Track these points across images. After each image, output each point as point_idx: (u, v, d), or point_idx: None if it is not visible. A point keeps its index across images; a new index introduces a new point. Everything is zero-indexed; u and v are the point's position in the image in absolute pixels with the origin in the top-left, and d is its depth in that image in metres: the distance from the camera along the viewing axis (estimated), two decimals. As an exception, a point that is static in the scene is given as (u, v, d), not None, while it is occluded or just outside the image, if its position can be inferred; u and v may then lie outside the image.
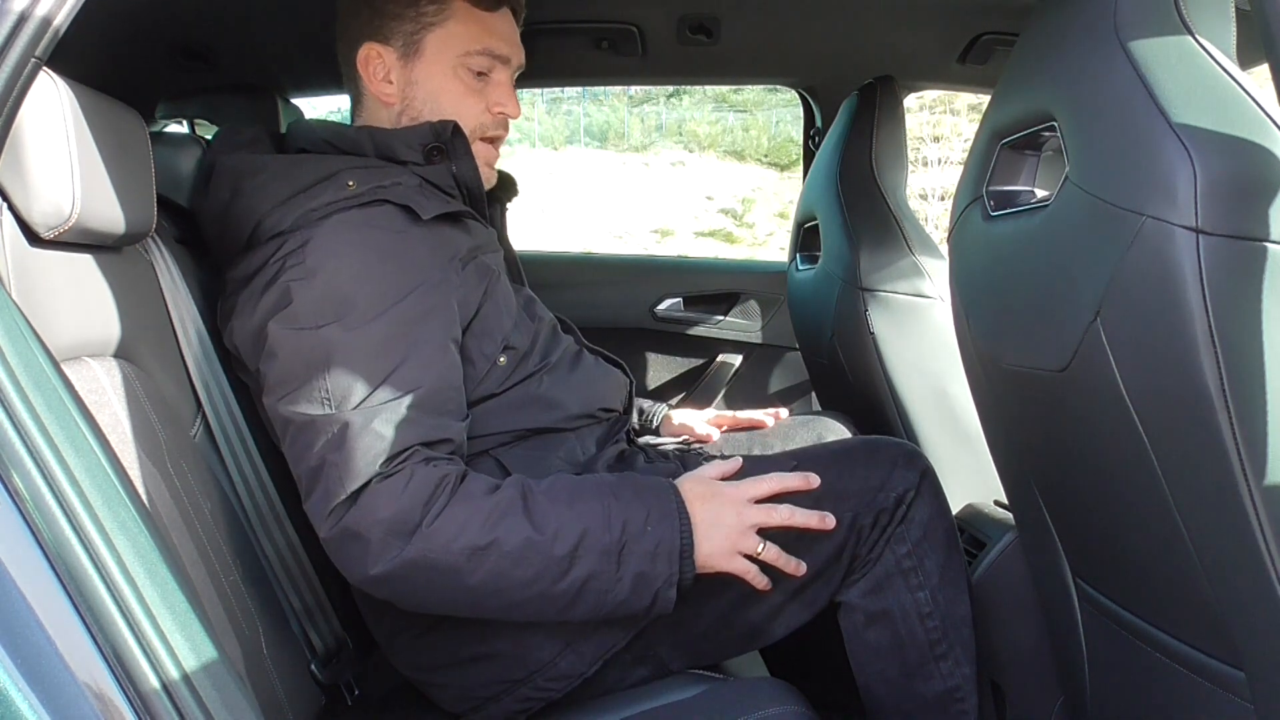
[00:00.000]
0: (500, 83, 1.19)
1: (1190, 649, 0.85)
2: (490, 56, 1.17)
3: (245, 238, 1.07)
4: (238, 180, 1.09)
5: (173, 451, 0.98)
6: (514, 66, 1.21)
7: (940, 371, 1.58)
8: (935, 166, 14.28)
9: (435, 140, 1.13)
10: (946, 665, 1.11)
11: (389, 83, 1.17)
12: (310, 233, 1.02)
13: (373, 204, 1.05)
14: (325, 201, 1.04)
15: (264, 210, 1.05)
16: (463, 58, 1.16)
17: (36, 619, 0.67)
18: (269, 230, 1.05)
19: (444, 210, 1.10)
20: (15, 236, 0.80)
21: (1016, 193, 0.98)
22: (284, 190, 1.06)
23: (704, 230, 16.70)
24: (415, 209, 1.06)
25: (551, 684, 1.07)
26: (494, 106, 1.19)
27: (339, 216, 1.04)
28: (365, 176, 1.07)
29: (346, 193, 1.05)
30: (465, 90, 1.17)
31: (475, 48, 1.16)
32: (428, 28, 1.15)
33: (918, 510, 1.10)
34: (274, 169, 1.09)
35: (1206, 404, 0.69)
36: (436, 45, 1.15)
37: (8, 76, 0.71)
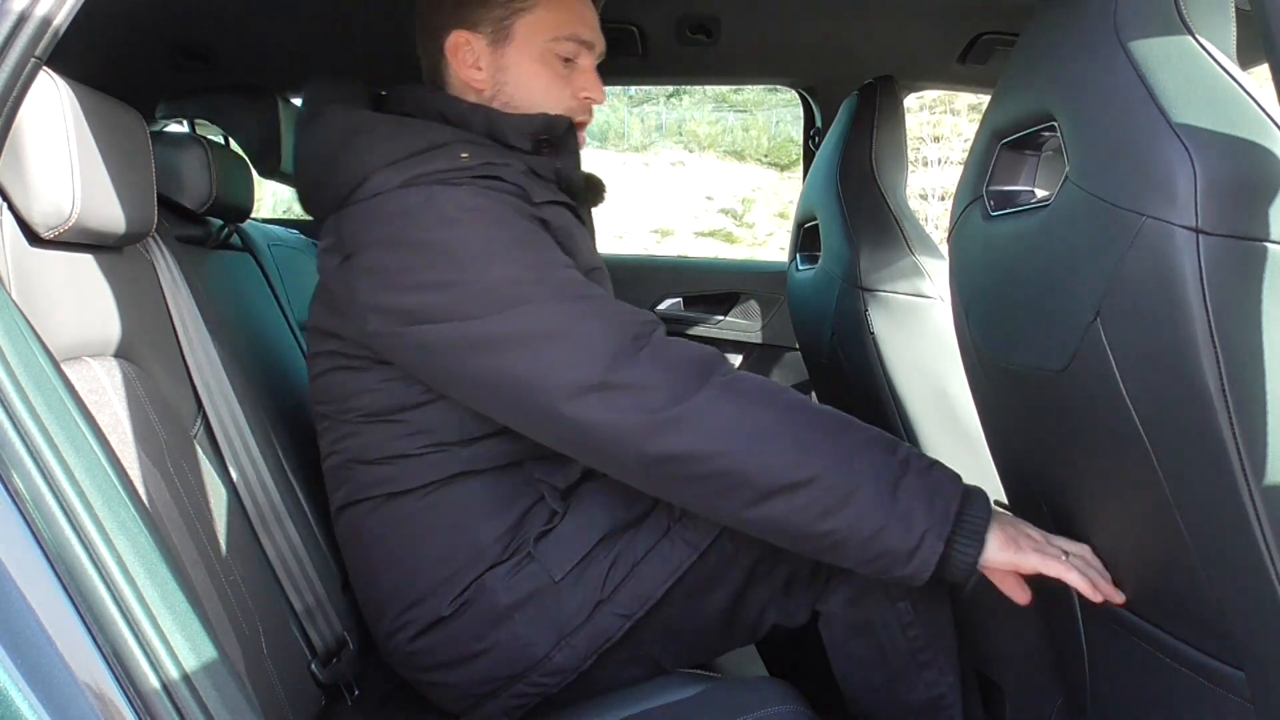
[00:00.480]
0: (585, 69, 1.20)
1: (1190, 649, 0.85)
2: (577, 42, 1.17)
3: (348, 192, 1.06)
4: (351, 133, 1.08)
5: (173, 451, 0.98)
6: (597, 53, 1.22)
7: (940, 371, 1.58)
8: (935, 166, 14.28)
9: (547, 132, 1.14)
10: (931, 674, 1.11)
11: (478, 69, 1.17)
12: (431, 191, 1.01)
13: (486, 179, 1.05)
14: (439, 169, 1.03)
15: (375, 166, 1.04)
16: (551, 43, 1.16)
17: (36, 619, 0.67)
18: (376, 187, 1.03)
19: (553, 199, 1.10)
20: (15, 236, 0.80)
21: (1016, 193, 0.98)
22: (397, 150, 1.05)
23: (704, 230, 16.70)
24: (528, 191, 1.07)
25: (546, 679, 1.07)
26: (580, 92, 1.19)
27: (459, 182, 1.03)
28: (477, 152, 1.07)
29: (459, 164, 1.04)
30: (554, 76, 1.17)
31: (564, 33, 1.16)
32: (517, 14, 1.15)
33: None
34: (388, 128, 1.08)
35: (1206, 404, 0.69)
36: (526, 31, 1.15)
37: (8, 76, 0.71)
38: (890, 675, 1.11)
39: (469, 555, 1.08)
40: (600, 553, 1.08)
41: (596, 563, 1.07)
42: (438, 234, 0.99)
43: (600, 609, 1.07)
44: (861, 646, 1.11)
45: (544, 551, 1.08)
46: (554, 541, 1.08)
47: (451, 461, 1.07)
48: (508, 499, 1.09)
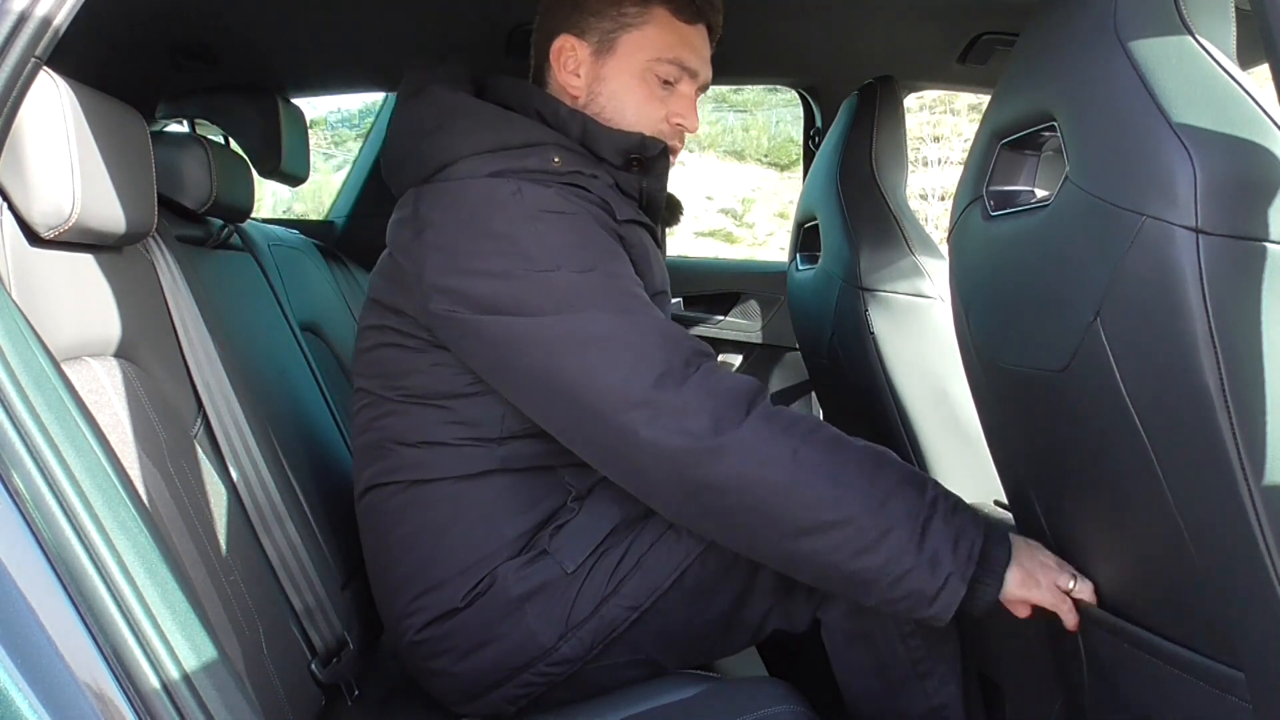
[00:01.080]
0: (684, 95, 1.19)
1: (1190, 650, 0.85)
2: (680, 67, 1.17)
3: (435, 169, 1.06)
4: (450, 115, 1.09)
5: (173, 451, 0.98)
6: (700, 82, 1.21)
7: (940, 371, 1.58)
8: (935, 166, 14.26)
9: (640, 152, 1.15)
10: (931, 684, 1.11)
11: (576, 75, 1.17)
12: (521, 184, 1.02)
13: (572, 186, 1.06)
14: (529, 167, 1.05)
15: (466, 153, 1.05)
16: (653, 63, 1.16)
17: (36, 619, 0.67)
18: (464, 171, 1.04)
19: (634, 218, 1.11)
20: (15, 236, 0.80)
21: (1016, 193, 0.98)
22: (491, 141, 1.06)
23: (704, 230, 16.69)
24: (612, 206, 1.08)
25: (552, 669, 1.08)
26: (673, 117, 1.19)
27: (547, 184, 1.04)
28: (569, 159, 1.08)
29: (550, 166, 1.06)
30: (649, 95, 1.17)
31: (667, 55, 1.16)
32: (625, 28, 1.16)
33: None
34: (486, 117, 1.09)
35: (1206, 404, 0.69)
36: (630, 46, 1.16)
37: (8, 76, 0.71)
38: (891, 684, 1.11)
39: (489, 548, 1.08)
40: (610, 545, 1.08)
41: (607, 555, 1.08)
42: (517, 228, 1.00)
43: (608, 601, 1.07)
44: (862, 656, 1.11)
45: (558, 545, 1.08)
46: (567, 535, 1.09)
47: (486, 457, 1.08)
48: (535, 499, 1.10)
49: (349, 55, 1.86)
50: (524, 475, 1.09)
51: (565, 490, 1.11)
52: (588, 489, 1.12)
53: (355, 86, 2.17)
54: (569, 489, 1.11)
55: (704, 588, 1.09)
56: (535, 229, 1.00)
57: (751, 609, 1.12)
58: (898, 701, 1.11)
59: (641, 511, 1.11)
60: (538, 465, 1.09)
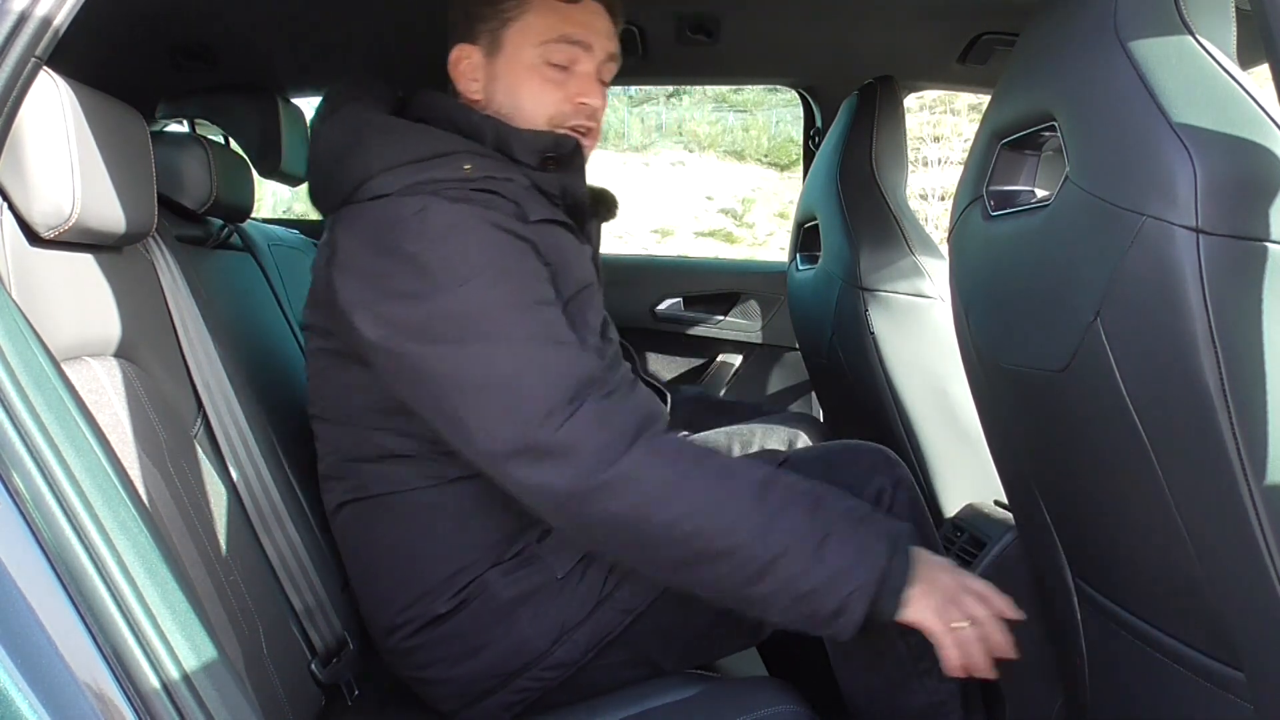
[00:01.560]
0: (584, 73, 1.18)
1: (1190, 649, 0.85)
2: (569, 43, 1.16)
3: (349, 191, 1.06)
4: (361, 133, 1.09)
5: (173, 451, 0.98)
6: (600, 57, 1.19)
7: (940, 371, 1.58)
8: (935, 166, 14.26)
9: (554, 150, 1.14)
10: (931, 681, 1.10)
11: (475, 80, 1.18)
12: (427, 200, 1.02)
13: (484, 192, 1.05)
14: (437, 178, 1.04)
15: (377, 169, 1.05)
16: (540, 48, 1.15)
17: (36, 619, 0.67)
18: (374, 190, 1.04)
19: (549, 217, 1.10)
20: (15, 236, 0.80)
21: (1016, 193, 0.98)
22: (400, 155, 1.06)
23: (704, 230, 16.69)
24: (524, 208, 1.07)
25: (547, 673, 1.07)
26: (575, 96, 1.17)
27: (454, 195, 1.03)
28: (481, 164, 1.08)
29: (460, 174, 1.05)
30: (543, 82, 1.16)
31: (552, 36, 1.15)
32: (507, 23, 1.16)
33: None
34: (398, 132, 1.09)
35: (1206, 404, 0.69)
36: (515, 39, 1.16)
37: (8, 76, 0.71)
38: (890, 682, 1.11)
39: (469, 555, 1.08)
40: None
41: (599, 560, 1.07)
42: (421, 247, 1.00)
43: (602, 605, 1.07)
44: (861, 652, 1.11)
45: (546, 550, 1.08)
46: (557, 539, 1.08)
47: (451, 464, 1.07)
48: (506, 501, 1.09)
49: (349, 55, 1.86)
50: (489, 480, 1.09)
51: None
52: None
53: (355, 86, 2.16)
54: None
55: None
56: (437, 250, 1.00)
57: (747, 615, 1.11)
58: (897, 698, 1.11)
59: None
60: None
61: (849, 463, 1.13)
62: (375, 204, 1.03)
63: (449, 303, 0.98)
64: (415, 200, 1.02)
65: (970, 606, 0.96)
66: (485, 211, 1.03)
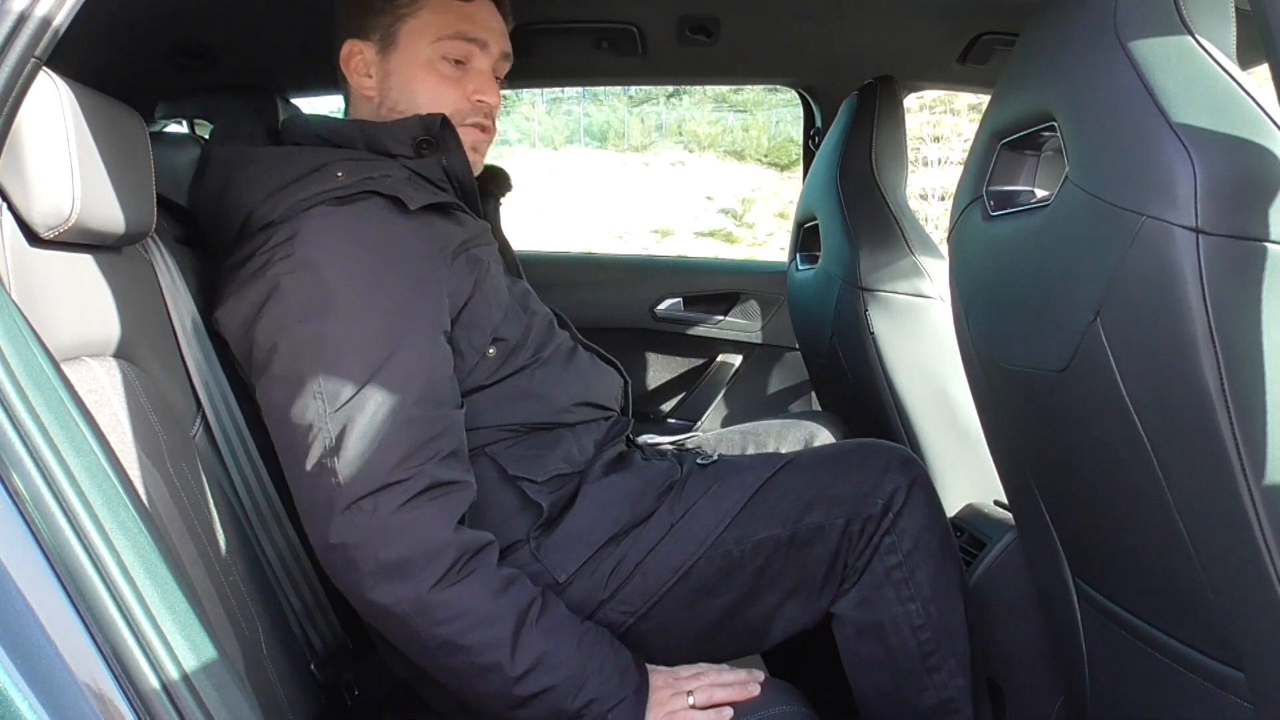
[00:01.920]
0: (480, 70, 1.18)
1: (1190, 649, 0.85)
2: (465, 40, 1.16)
3: (236, 228, 1.07)
4: (229, 171, 1.09)
5: (173, 451, 0.98)
6: (495, 54, 1.20)
7: (940, 371, 1.58)
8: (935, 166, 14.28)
9: (425, 133, 1.13)
10: (940, 677, 1.10)
11: (369, 76, 1.18)
12: (298, 224, 1.02)
13: (360, 195, 1.05)
14: (314, 192, 1.04)
15: (255, 201, 1.06)
16: (436, 45, 1.15)
17: (36, 619, 0.67)
18: (259, 221, 1.05)
19: (432, 201, 1.09)
20: (15, 236, 0.80)
21: (1016, 193, 0.98)
22: (274, 181, 1.06)
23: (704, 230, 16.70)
24: (403, 199, 1.06)
25: None
26: (473, 94, 1.18)
27: (326, 208, 1.03)
28: (354, 168, 1.07)
29: (335, 183, 1.05)
30: (440, 79, 1.16)
31: (447, 33, 1.15)
32: (402, 19, 1.15)
33: (908, 520, 1.09)
34: (265, 161, 1.09)
35: (1206, 404, 0.69)
36: (411, 35, 1.16)
37: (8, 76, 0.71)
38: (900, 678, 1.11)
39: None
40: (606, 553, 1.08)
41: (602, 563, 1.07)
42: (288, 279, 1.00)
43: (604, 607, 1.07)
44: (872, 648, 1.11)
45: (548, 553, 1.07)
46: (558, 543, 1.08)
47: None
48: (505, 505, 1.09)
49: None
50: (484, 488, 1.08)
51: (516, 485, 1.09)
52: (547, 479, 1.10)
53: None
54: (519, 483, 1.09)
55: (705, 589, 1.09)
56: (297, 275, 1.00)
57: (754, 611, 1.11)
58: (907, 696, 1.11)
59: (638, 517, 1.10)
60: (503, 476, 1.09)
61: (861, 463, 1.13)
62: (256, 235, 1.05)
63: (296, 334, 0.98)
64: (288, 226, 1.02)
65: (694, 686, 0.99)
66: (358, 227, 1.03)
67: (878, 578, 1.09)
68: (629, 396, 1.30)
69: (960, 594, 1.12)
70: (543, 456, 1.12)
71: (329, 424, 0.95)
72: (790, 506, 1.09)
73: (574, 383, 1.19)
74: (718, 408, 2.30)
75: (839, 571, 1.10)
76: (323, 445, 0.95)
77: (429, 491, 0.95)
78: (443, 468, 0.97)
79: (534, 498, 1.08)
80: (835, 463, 1.14)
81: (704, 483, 1.13)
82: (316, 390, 0.96)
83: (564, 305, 1.35)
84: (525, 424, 1.13)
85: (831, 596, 1.11)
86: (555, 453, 1.13)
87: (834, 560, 1.09)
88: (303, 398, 0.97)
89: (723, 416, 2.30)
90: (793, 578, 1.10)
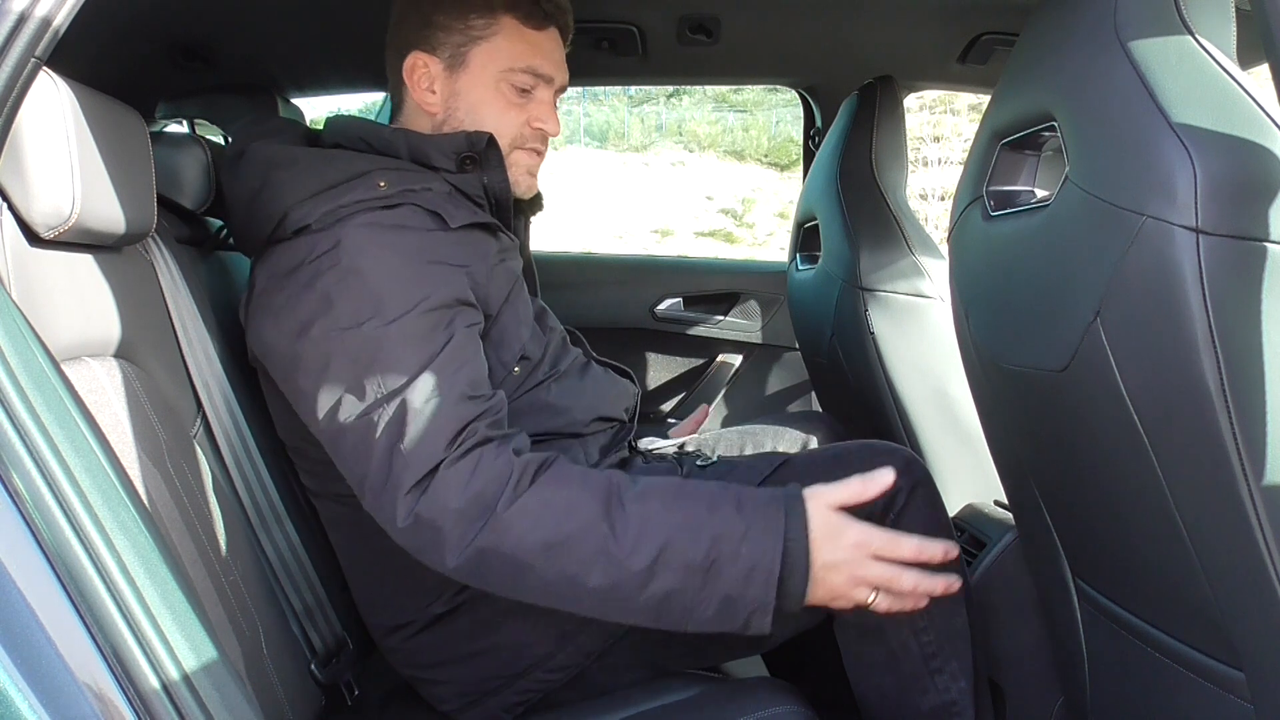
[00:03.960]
0: (542, 100, 1.19)
1: (1190, 649, 0.85)
2: (534, 75, 1.17)
3: (271, 229, 1.06)
4: (269, 170, 1.08)
5: (173, 451, 0.98)
6: (557, 86, 1.21)
7: (940, 371, 1.58)
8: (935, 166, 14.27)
9: (469, 150, 1.14)
10: (943, 679, 1.10)
11: (432, 92, 1.17)
12: (341, 231, 1.02)
13: (401, 206, 1.05)
14: (355, 199, 1.04)
15: (292, 203, 1.04)
16: (506, 73, 1.16)
17: (36, 619, 0.67)
18: (295, 223, 1.04)
19: (471, 220, 1.10)
20: (15, 236, 0.80)
21: (1016, 193, 0.98)
22: (314, 184, 1.05)
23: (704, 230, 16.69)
24: (444, 216, 1.06)
25: (550, 675, 1.07)
26: (534, 122, 1.19)
27: (368, 216, 1.03)
28: (397, 179, 1.07)
29: (377, 193, 1.05)
30: (506, 105, 1.17)
31: (519, 65, 1.16)
32: (475, 41, 1.15)
33: (910, 522, 1.09)
34: (306, 162, 1.08)
35: (1206, 404, 0.69)
36: (482, 59, 1.16)
37: (8, 76, 0.71)
38: (902, 680, 1.10)
39: None
40: None
41: None
42: (328, 284, 1.00)
43: None
44: (874, 650, 1.11)
45: None
46: None
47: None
48: None
49: (349, 55, 1.86)
50: None
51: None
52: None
53: (355, 86, 2.17)
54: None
55: None
56: (345, 283, 1.00)
57: None
58: (908, 697, 1.11)
59: None
60: None
61: (862, 463, 1.11)
62: (295, 241, 1.04)
63: (349, 341, 0.98)
64: (328, 235, 1.02)
65: (874, 573, 0.94)
66: (400, 237, 1.03)
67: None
68: (638, 405, 1.31)
69: (963, 597, 1.12)
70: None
71: (385, 418, 0.95)
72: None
73: (589, 396, 1.20)
74: (718, 408, 2.30)
75: None
76: (384, 439, 0.94)
77: (481, 446, 0.95)
78: (493, 429, 0.97)
79: None
80: (836, 463, 1.13)
81: None
82: (376, 390, 0.96)
83: (564, 305, 1.35)
84: (538, 433, 1.13)
85: None
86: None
87: None
88: (363, 399, 0.96)
89: (723, 416, 2.30)
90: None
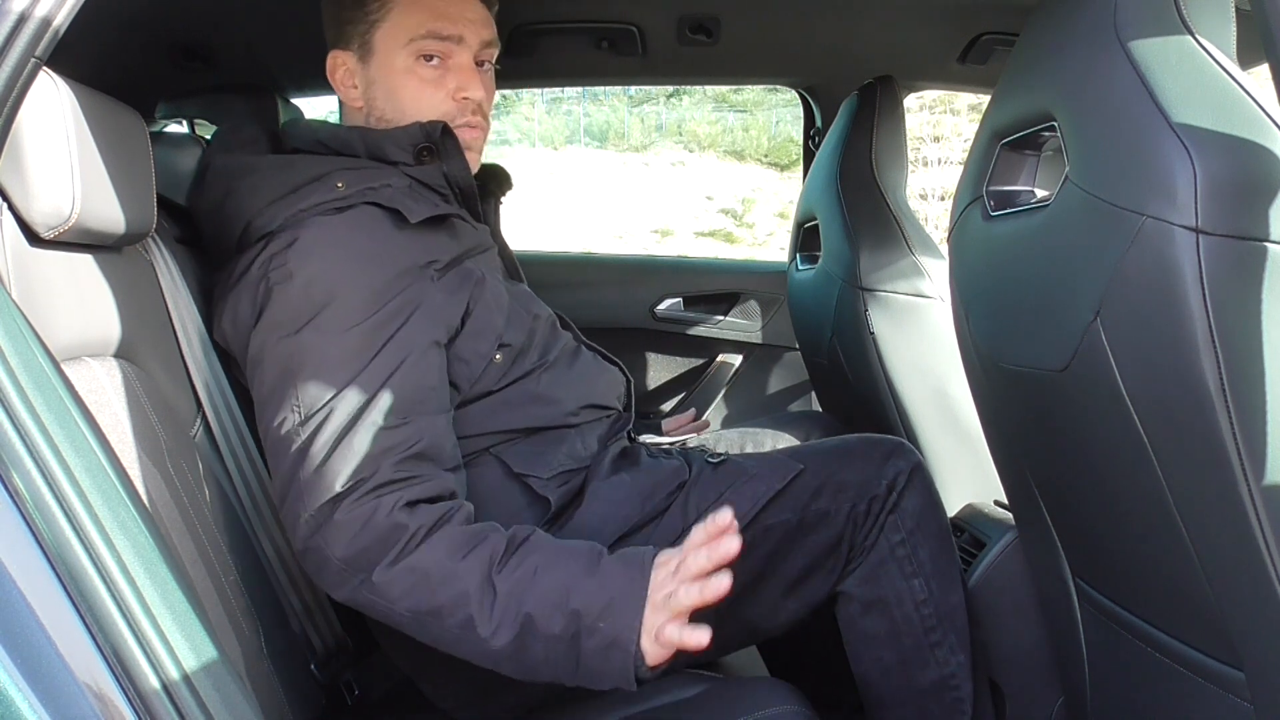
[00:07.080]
0: (461, 66, 1.15)
1: (1190, 649, 0.85)
2: (437, 38, 1.13)
3: (237, 238, 1.07)
4: (230, 180, 1.09)
5: (173, 451, 0.98)
6: (474, 45, 1.16)
7: (940, 371, 1.58)
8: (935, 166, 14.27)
9: (425, 140, 1.12)
10: (942, 652, 1.13)
11: (354, 88, 1.17)
12: (295, 233, 1.02)
13: (359, 206, 1.05)
14: (314, 203, 1.04)
15: (254, 210, 1.05)
16: (409, 45, 1.13)
17: (36, 619, 0.67)
18: (259, 230, 1.05)
19: (433, 214, 1.08)
20: (15, 236, 0.80)
21: (1016, 193, 0.98)
22: (275, 190, 1.06)
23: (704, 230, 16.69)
24: (403, 212, 1.06)
25: None
26: (456, 92, 1.15)
27: (323, 219, 1.03)
28: (355, 178, 1.07)
29: (334, 194, 1.05)
30: (420, 82, 1.14)
31: (419, 32, 1.13)
32: (375, 25, 1.14)
33: (909, 500, 1.13)
34: (265, 170, 1.09)
35: (1206, 404, 0.69)
36: (385, 41, 1.14)
37: (8, 76, 0.71)
38: (902, 653, 1.13)
39: None
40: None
41: None
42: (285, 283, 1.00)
43: None
44: (876, 623, 1.13)
45: None
46: (568, 539, 1.08)
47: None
48: (503, 503, 1.09)
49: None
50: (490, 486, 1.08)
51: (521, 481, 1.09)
52: (552, 475, 1.11)
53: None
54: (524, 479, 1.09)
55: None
56: (288, 287, 1.00)
57: (754, 605, 1.12)
58: (909, 670, 1.13)
59: (649, 515, 1.11)
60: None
61: (865, 452, 1.17)
62: (256, 246, 1.04)
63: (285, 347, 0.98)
64: (286, 237, 1.02)
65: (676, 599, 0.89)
66: (353, 240, 1.02)
67: (882, 554, 1.13)
68: (632, 395, 1.31)
69: (958, 576, 1.16)
70: (547, 453, 1.12)
71: (300, 435, 0.95)
72: (799, 493, 1.12)
73: (579, 384, 1.19)
74: (718, 408, 2.30)
75: (841, 555, 1.13)
76: (294, 456, 0.95)
77: (382, 487, 0.94)
78: (400, 468, 0.95)
79: (541, 492, 1.09)
80: (840, 453, 1.17)
81: (716, 487, 1.14)
82: (294, 403, 0.96)
83: (564, 305, 1.35)
84: (532, 427, 1.13)
85: (831, 584, 1.14)
86: (560, 449, 1.13)
87: (836, 545, 1.12)
88: (282, 410, 0.97)
89: (723, 416, 2.30)
90: (800, 561, 1.12)
